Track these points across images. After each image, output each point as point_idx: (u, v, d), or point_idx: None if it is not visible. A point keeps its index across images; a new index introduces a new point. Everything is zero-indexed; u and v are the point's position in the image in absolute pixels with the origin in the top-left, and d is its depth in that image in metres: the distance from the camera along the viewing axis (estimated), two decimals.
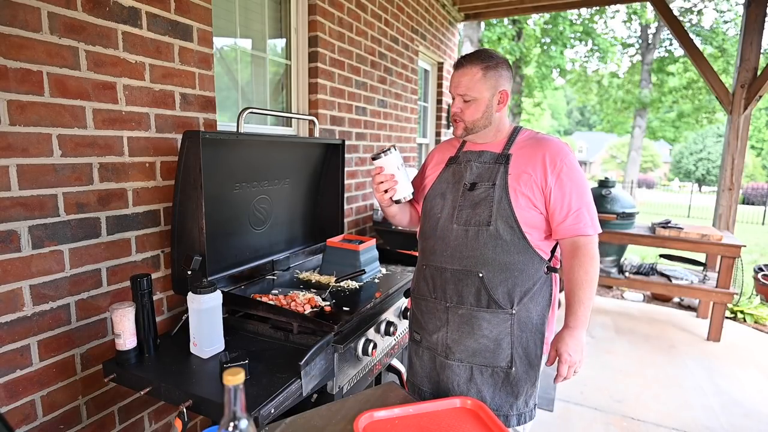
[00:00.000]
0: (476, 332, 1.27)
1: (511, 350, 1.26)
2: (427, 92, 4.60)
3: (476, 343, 1.27)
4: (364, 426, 0.96)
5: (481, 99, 1.25)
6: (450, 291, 1.30)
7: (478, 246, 1.25)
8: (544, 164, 1.23)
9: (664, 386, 2.83)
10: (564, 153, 1.24)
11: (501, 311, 1.25)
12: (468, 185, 1.30)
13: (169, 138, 1.58)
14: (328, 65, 2.52)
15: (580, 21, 12.62)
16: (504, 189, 1.24)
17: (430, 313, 1.36)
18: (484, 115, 1.27)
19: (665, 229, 3.77)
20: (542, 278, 1.28)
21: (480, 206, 1.25)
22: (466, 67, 1.24)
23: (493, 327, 1.26)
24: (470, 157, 1.34)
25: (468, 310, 1.28)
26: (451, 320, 1.30)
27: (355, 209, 2.98)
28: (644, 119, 14.85)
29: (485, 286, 1.25)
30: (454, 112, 1.29)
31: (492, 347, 1.27)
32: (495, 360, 1.27)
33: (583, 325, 1.25)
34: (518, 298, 1.25)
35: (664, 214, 11.80)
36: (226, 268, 1.68)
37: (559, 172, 1.22)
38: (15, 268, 1.18)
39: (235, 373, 0.64)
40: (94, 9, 1.31)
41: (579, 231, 1.23)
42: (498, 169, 1.27)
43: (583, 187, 1.24)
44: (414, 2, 3.65)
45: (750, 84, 3.86)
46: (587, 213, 1.23)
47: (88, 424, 1.41)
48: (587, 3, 4.73)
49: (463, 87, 1.25)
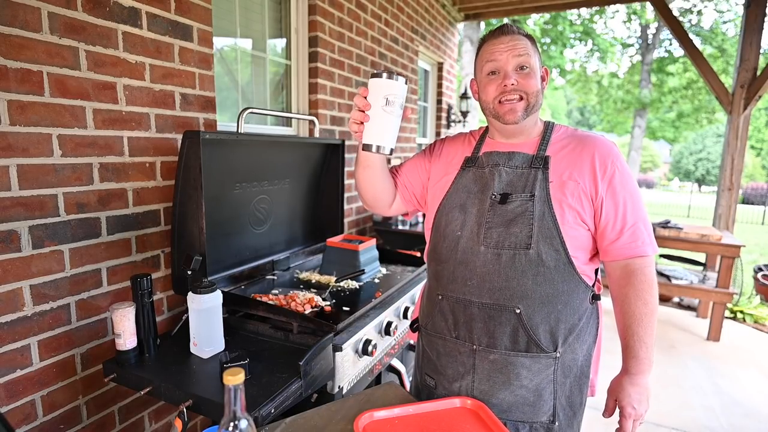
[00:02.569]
0: (513, 382, 1.03)
1: (554, 401, 1.05)
2: (427, 92, 4.61)
3: (512, 396, 1.04)
4: (364, 426, 0.96)
5: (536, 70, 1.02)
6: (478, 330, 1.05)
7: (515, 275, 1.00)
8: (593, 168, 1.01)
9: (663, 386, 2.83)
10: (615, 154, 1.03)
11: (544, 355, 1.02)
12: (497, 196, 1.04)
13: (169, 138, 1.58)
14: (328, 65, 2.52)
15: (580, 21, 12.62)
16: (546, 202, 1.00)
17: (450, 357, 1.10)
18: (540, 91, 1.04)
19: (665, 229, 3.77)
20: (588, 310, 1.07)
21: (516, 224, 1.01)
22: (514, 34, 1.02)
23: (533, 375, 1.03)
24: (497, 159, 1.08)
25: (502, 355, 1.03)
26: (479, 366, 1.06)
27: (355, 209, 2.98)
28: (644, 119, 14.85)
29: (524, 325, 1.01)
30: (507, 85, 1.00)
31: (532, 399, 1.04)
32: (535, 414, 1.05)
33: (647, 370, 1.04)
34: (563, 337, 1.03)
35: (663, 214, 11.80)
36: (226, 268, 1.68)
37: (611, 178, 1.00)
38: (15, 268, 1.18)
39: (235, 373, 0.64)
40: (94, 9, 1.31)
41: (636, 251, 1.01)
42: (535, 175, 1.03)
43: (637, 196, 1.03)
44: (414, 2, 3.65)
45: (750, 84, 3.86)
46: (644, 228, 1.02)
47: (88, 424, 1.41)
48: (587, 3, 4.73)
49: (521, 50, 1.00)
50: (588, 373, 1.10)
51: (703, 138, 22.63)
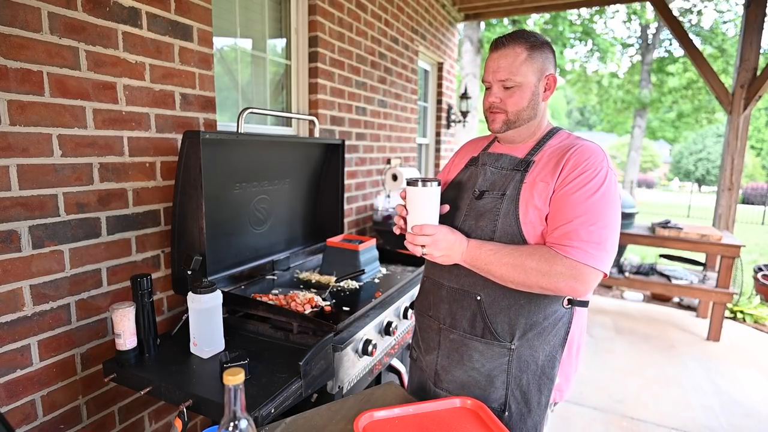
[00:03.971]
0: (466, 363, 1.11)
1: (506, 391, 1.09)
2: (427, 92, 4.61)
3: (466, 375, 1.12)
4: (364, 426, 0.96)
5: (527, 85, 1.05)
6: (444, 311, 1.15)
7: None
8: (561, 168, 1.02)
9: (663, 386, 2.83)
10: (592, 159, 1.01)
11: (497, 344, 1.07)
12: (477, 192, 1.12)
13: (169, 138, 1.58)
14: (328, 65, 2.52)
15: (580, 21, 12.61)
16: (514, 201, 1.05)
17: (426, 332, 1.23)
18: (530, 104, 1.07)
19: (665, 229, 3.78)
20: (558, 312, 1.06)
21: (483, 218, 1.08)
22: (509, 47, 1.04)
23: (486, 360, 1.09)
24: (487, 160, 1.17)
25: (460, 335, 1.12)
26: (442, 344, 1.16)
27: (355, 209, 2.98)
28: (644, 119, 14.84)
29: (482, 312, 1.08)
30: (491, 102, 1.08)
31: (483, 383, 1.10)
32: (486, 398, 1.09)
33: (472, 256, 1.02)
34: (521, 331, 1.06)
35: (663, 214, 11.80)
36: (226, 268, 1.69)
37: (569, 175, 1.00)
38: (15, 268, 1.18)
39: (235, 373, 0.64)
40: (94, 9, 1.31)
41: (562, 250, 0.96)
42: (513, 177, 1.08)
43: (599, 207, 0.96)
44: (414, 2, 3.65)
45: (750, 84, 3.86)
46: (586, 237, 0.95)
47: (88, 424, 1.41)
48: (587, 3, 4.73)
49: (504, 71, 1.04)
50: (551, 375, 1.09)
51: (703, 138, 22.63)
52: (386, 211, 3.10)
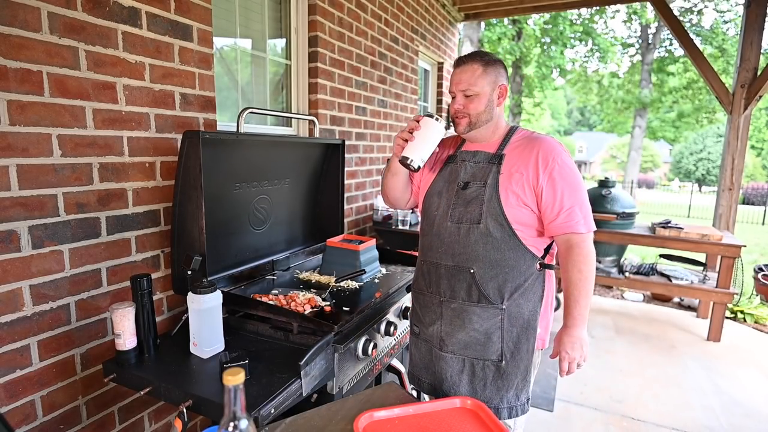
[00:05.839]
0: (467, 326, 1.31)
1: (501, 344, 1.30)
2: (427, 92, 4.61)
3: (467, 336, 1.32)
4: (364, 426, 0.96)
5: (483, 93, 1.29)
6: (444, 286, 1.35)
7: (470, 243, 1.29)
8: (537, 163, 1.25)
9: (663, 386, 2.83)
10: (557, 151, 1.26)
11: (491, 306, 1.29)
12: (462, 184, 1.34)
13: (169, 138, 1.58)
14: (328, 65, 2.52)
15: (580, 21, 12.62)
16: (494, 188, 1.28)
17: (427, 307, 1.41)
18: (487, 109, 1.30)
19: (665, 229, 3.77)
20: (534, 274, 1.30)
21: (471, 204, 1.30)
22: (467, 64, 1.29)
23: (483, 321, 1.30)
24: (465, 156, 1.38)
25: (460, 304, 1.32)
26: (444, 314, 1.35)
27: (355, 209, 2.98)
28: (644, 119, 14.85)
29: (476, 282, 1.29)
30: (456, 108, 1.32)
31: (483, 340, 1.31)
32: (485, 353, 1.31)
33: (580, 324, 1.28)
34: (509, 293, 1.29)
35: (664, 214, 11.79)
36: (226, 268, 1.68)
37: (551, 171, 1.24)
38: (15, 268, 1.18)
39: (235, 373, 0.64)
40: (94, 9, 1.31)
41: (570, 228, 1.24)
42: (491, 168, 1.31)
43: (575, 185, 1.26)
44: (414, 2, 3.65)
45: (750, 84, 3.86)
46: (579, 211, 1.25)
47: (88, 424, 1.41)
48: (587, 3, 4.73)
49: (465, 83, 1.28)
50: (534, 326, 1.32)
51: (704, 138, 22.64)
52: (386, 211, 3.10)
